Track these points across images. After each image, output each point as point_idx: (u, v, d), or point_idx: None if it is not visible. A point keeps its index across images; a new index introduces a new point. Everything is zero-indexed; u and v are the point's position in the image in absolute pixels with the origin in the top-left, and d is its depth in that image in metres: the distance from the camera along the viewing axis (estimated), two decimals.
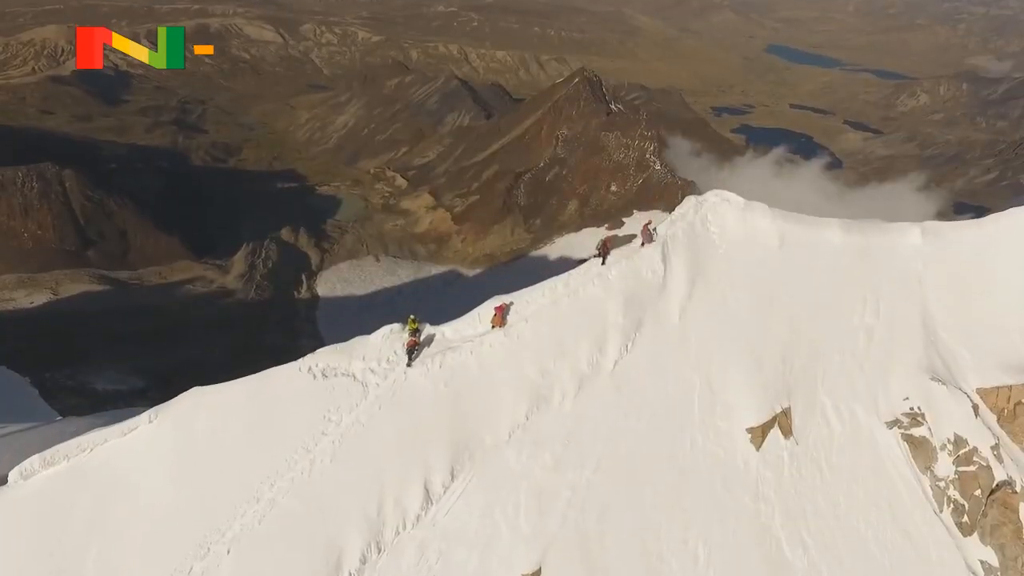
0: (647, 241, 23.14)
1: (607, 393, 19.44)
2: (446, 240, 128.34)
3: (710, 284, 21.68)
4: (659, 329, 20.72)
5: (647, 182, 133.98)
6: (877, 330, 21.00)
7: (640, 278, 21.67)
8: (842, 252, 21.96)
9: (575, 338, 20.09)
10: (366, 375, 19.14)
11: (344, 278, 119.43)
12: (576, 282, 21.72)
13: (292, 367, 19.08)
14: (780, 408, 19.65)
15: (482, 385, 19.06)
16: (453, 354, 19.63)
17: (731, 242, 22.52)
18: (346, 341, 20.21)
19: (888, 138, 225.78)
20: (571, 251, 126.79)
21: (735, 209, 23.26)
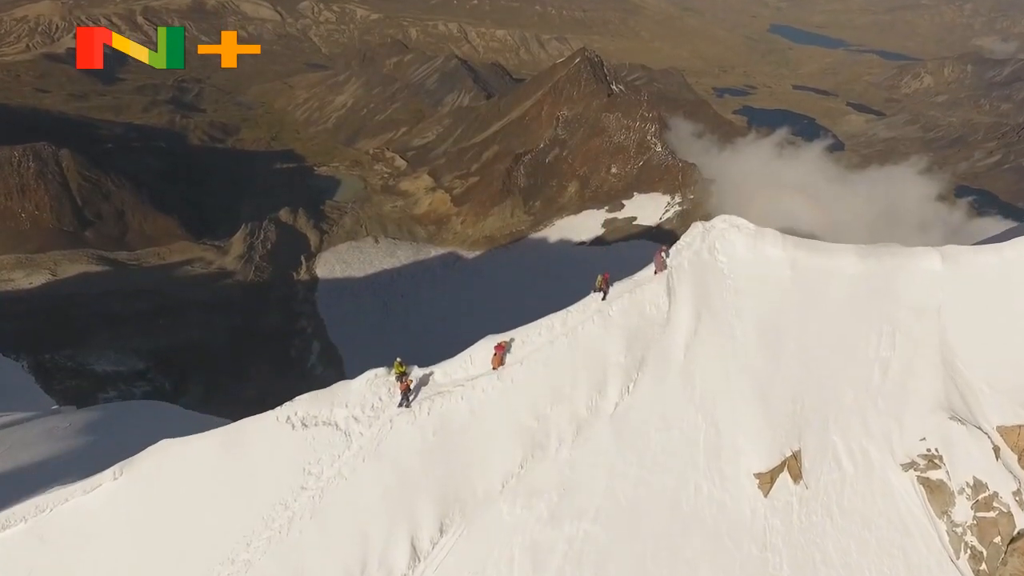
0: (660, 269, 21.51)
1: (606, 438, 18.07)
2: (445, 222, 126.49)
3: (717, 318, 20.14)
4: (662, 368, 19.25)
5: (648, 164, 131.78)
6: (893, 363, 19.57)
7: (643, 314, 20.12)
8: (857, 280, 20.37)
9: (573, 380, 18.65)
10: (349, 424, 17.67)
11: (343, 259, 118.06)
12: (575, 320, 20.15)
13: (268, 417, 17.63)
14: (790, 451, 18.32)
15: (473, 433, 17.69)
16: (442, 400, 18.15)
17: (740, 272, 20.90)
18: (328, 388, 18.67)
19: (891, 120, 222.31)
20: (571, 233, 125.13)
21: (745, 236, 21.60)
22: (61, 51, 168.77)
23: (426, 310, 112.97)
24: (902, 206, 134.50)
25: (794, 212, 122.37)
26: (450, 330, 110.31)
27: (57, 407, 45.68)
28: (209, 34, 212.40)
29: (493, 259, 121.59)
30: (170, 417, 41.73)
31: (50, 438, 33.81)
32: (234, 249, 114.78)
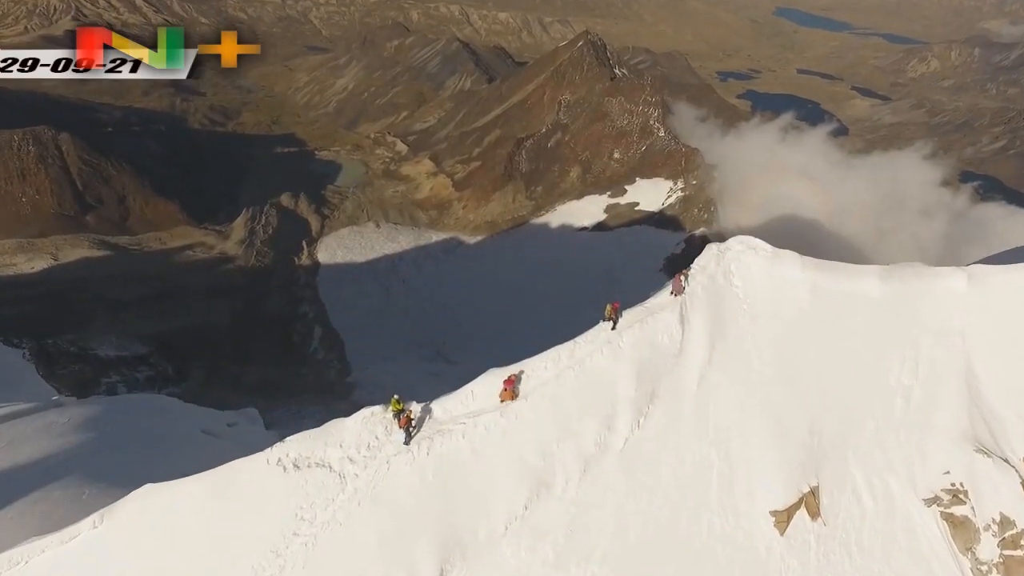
0: (678, 293, 20.23)
1: (615, 475, 17.00)
2: (447, 207, 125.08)
3: (732, 347, 18.91)
4: (674, 401, 18.07)
5: (650, 149, 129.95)
6: (915, 392, 18.39)
7: (655, 344, 18.89)
8: (879, 303, 19.08)
9: (581, 415, 17.50)
10: (343, 465, 16.60)
11: (345, 244, 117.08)
12: (583, 351, 18.92)
13: (258, 459, 16.54)
14: (808, 487, 17.25)
15: (475, 473, 16.64)
16: (442, 438, 17.03)
17: (756, 297, 19.58)
18: (321, 427, 17.53)
19: (896, 104, 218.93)
20: (572, 219, 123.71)
21: (762, 259, 20.23)
22: (59, 33, 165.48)
23: (427, 295, 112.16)
24: (905, 191, 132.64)
25: (797, 197, 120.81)
26: (451, 315, 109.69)
27: (58, 397, 44.91)
28: (208, 15, 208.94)
29: (494, 244, 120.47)
30: (168, 412, 40.99)
31: (48, 434, 33.06)
32: (235, 234, 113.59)
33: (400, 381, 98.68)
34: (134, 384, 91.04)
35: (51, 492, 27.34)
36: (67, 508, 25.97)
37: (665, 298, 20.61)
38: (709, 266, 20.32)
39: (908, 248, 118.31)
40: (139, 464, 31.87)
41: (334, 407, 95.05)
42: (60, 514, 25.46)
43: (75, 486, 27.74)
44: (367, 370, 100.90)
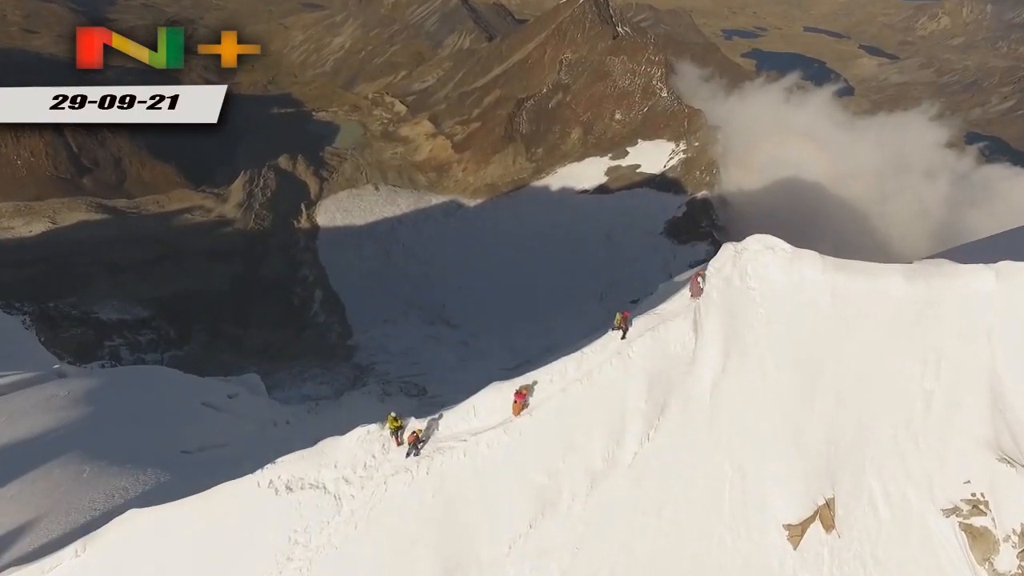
0: (696, 295, 18.95)
1: (623, 490, 16.11)
2: (446, 169, 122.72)
3: (748, 353, 17.76)
4: (686, 412, 17.03)
5: (653, 110, 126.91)
6: (936, 397, 17.35)
7: (666, 353, 17.72)
8: (902, 304, 17.85)
9: (588, 430, 16.48)
10: (339, 486, 15.70)
11: (343, 207, 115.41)
12: (590, 363, 17.74)
13: (249, 481, 15.58)
14: (823, 500, 16.42)
15: (477, 493, 15.75)
16: (443, 457, 16.05)
17: (774, 299, 18.29)
18: (314, 446, 16.47)
19: (904, 63, 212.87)
20: (573, 181, 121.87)
21: (780, 259, 18.85)
22: None
23: (427, 258, 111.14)
24: (910, 153, 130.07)
25: (800, 159, 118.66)
26: (451, 278, 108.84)
27: (59, 366, 44.19)
28: None
29: (495, 207, 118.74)
30: (169, 384, 40.26)
31: (48, 408, 32.37)
32: (233, 197, 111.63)
33: (401, 344, 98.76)
34: (137, 347, 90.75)
35: (51, 470, 26.71)
36: (67, 487, 25.36)
37: (678, 303, 19.34)
38: (725, 268, 19.01)
39: (911, 211, 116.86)
40: (139, 440, 31.21)
41: (335, 370, 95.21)
42: (60, 493, 24.85)
43: (75, 464, 27.10)
44: (368, 333, 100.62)
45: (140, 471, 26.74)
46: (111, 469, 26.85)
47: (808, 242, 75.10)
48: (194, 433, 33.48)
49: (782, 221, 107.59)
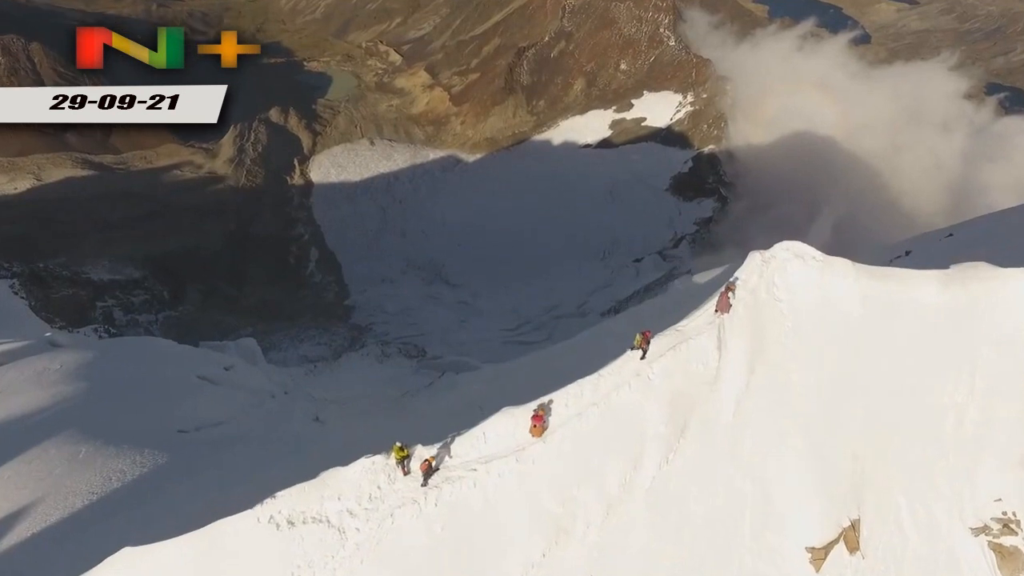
0: (723, 311, 18.37)
1: (640, 515, 16.25)
2: (444, 122, 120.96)
3: (773, 369, 17.50)
4: (707, 433, 16.99)
5: (659, 60, 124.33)
6: (969, 410, 17.06)
7: (688, 373, 17.33)
8: (936, 313, 17.38)
9: (605, 456, 16.48)
10: (343, 519, 15.62)
11: (338, 163, 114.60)
12: (608, 385, 17.21)
13: (248, 517, 15.51)
14: (848, 521, 16.41)
15: (489, 524, 15.76)
16: (451, 487, 15.97)
17: (801, 311, 17.83)
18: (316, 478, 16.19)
19: (924, 9, 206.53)
20: (576, 135, 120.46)
21: (810, 268, 18.25)
22: None
23: (426, 215, 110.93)
24: (926, 105, 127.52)
25: (812, 111, 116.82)
26: (450, 236, 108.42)
27: (50, 334, 44.26)
28: None
29: (494, 162, 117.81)
30: (163, 357, 40.54)
31: (40, 383, 32.56)
32: (224, 152, 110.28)
33: (399, 304, 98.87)
34: (130, 308, 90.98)
35: (47, 450, 26.99)
36: (63, 468, 25.59)
37: (701, 319, 18.79)
38: (751, 279, 18.51)
39: (925, 165, 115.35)
40: (135, 417, 31.56)
41: (333, 331, 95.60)
42: (57, 476, 25.09)
43: (71, 443, 27.34)
44: (365, 293, 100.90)
45: (137, 452, 27.05)
46: (107, 450, 27.09)
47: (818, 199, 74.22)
48: (190, 409, 33.82)
49: (792, 177, 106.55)
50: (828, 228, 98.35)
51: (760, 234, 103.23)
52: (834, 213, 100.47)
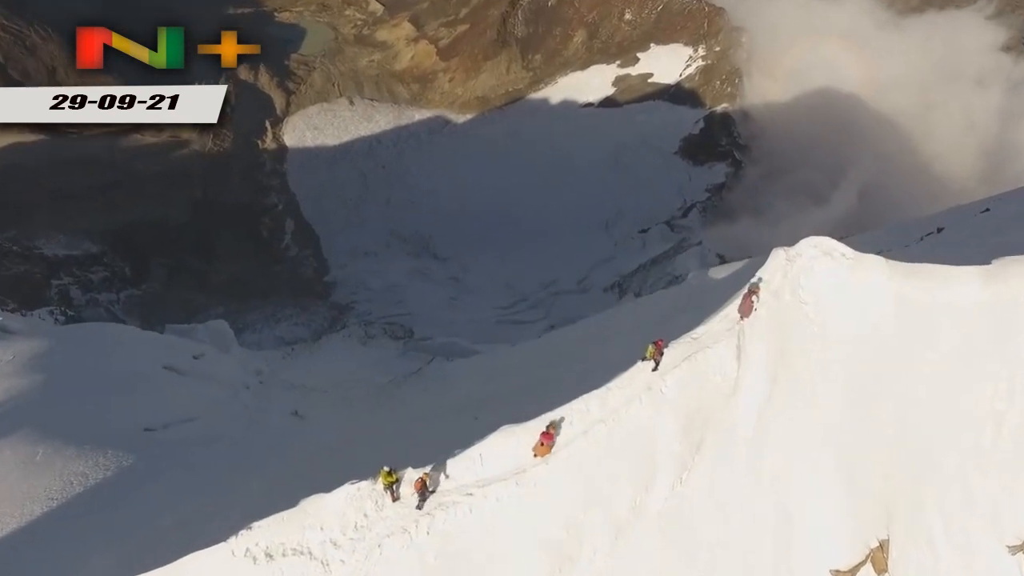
0: (746, 315, 18.05)
1: (652, 538, 16.14)
2: (431, 79, 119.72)
3: (798, 379, 17.27)
4: (725, 449, 16.83)
5: (668, 8, 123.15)
6: (1008, 419, 16.85)
7: (705, 385, 17.07)
8: (976, 314, 17.13)
9: (613, 477, 16.26)
10: (326, 550, 15.36)
11: (314, 125, 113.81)
12: (617, 400, 16.85)
13: (222, 550, 15.23)
14: (877, 542, 16.39)
15: (486, 553, 15.58)
16: (445, 514, 15.74)
17: (829, 314, 17.49)
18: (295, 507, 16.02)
19: None
20: (576, 93, 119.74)
21: (839, 267, 17.90)
22: None
23: (412, 183, 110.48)
24: (961, 57, 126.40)
25: (835, 66, 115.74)
26: (438, 205, 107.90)
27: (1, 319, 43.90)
28: None
29: (486, 123, 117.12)
30: (125, 344, 40.26)
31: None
32: None
33: (383, 280, 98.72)
34: (88, 287, 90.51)
35: (0, 451, 26.73)
36: (19, 474, 25.54)
37: (719, 325, 18.45)
38: (774, 280, 18.15)
39: (958, 124, 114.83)
40: (96, 414, 31.42)
41: (312, 310, 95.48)
42: (12, 480, 24.92)
43: (26, 445, 27.19)
44: (347, 268, 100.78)
45: (100, 453, 26.90)
46: (67, 451, 26.96)
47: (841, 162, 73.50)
48: (157, 404, 33.68)
49: (813, 138, 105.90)
50: (853, 195, 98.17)
51: (778, 201, 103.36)
52: (859, 179, 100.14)
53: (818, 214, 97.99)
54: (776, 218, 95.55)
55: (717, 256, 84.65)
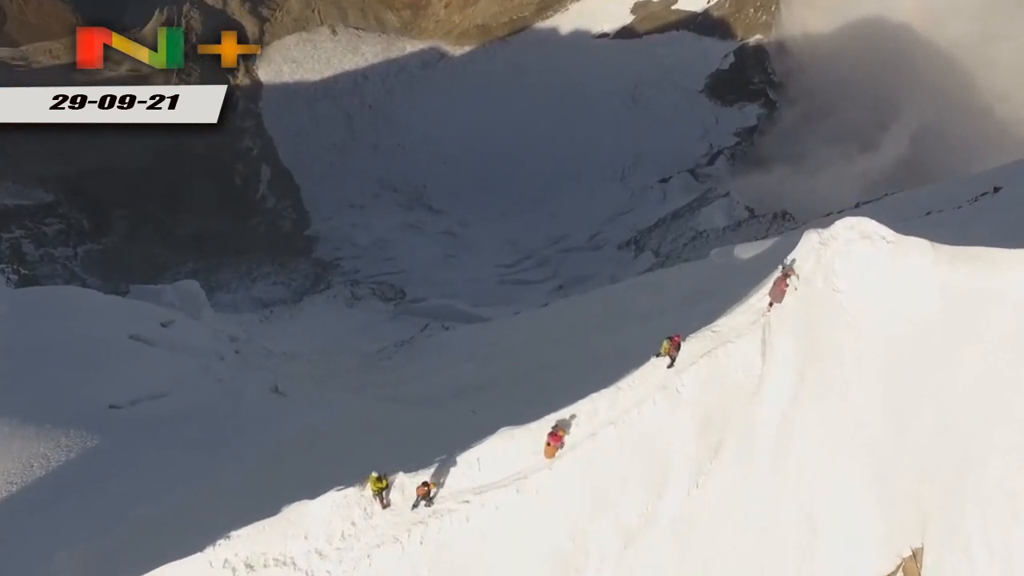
0: (778, 301, 17.97)
1: (665, 546, 16.41)
2: (424, 5, 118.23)
3: (827, 374, 17.01)
4: (746, 452, 16.87)
5: None
6: None
7: (725, 383, 17.09)
8: None
9: (624, 483, 16.44)
10: (311, 561, 15.82)
11: (292, 58, 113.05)
12: (628, 400, 16.89)
13: (199, 560, 15.58)
14: (910, 551, 16.60)
15: (483, 564, 15.97)
16: (440, 522, 16.07)
17: (866, 304, 17.25)
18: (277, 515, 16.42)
19: None
20: (589, 21, 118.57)
21: (879, 251, 17.64)
22: None
23: (403, 124, 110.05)
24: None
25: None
26: (433, 150, 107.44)
27: None
28: None
29: (487, 57, 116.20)
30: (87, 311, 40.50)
31: None
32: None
33: (371, 235, 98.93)
34: (43, 241, 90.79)
35: None
36: None
37: (743, 316, 18.34)
38: (806, 265, 17.96)
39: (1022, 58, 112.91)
40: (57, 390, 31.78)
41: (292, 267, 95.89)
42: None
43: None
44: (330, 221, 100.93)
45: (62, 433, 27.30)
46: (26, 430, 27.34)
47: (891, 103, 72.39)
48: (123, 378, 33.99)
49: (858, 75, 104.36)
50: (904, 141, 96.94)
51: (818, 147, 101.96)
52: (911, 121, 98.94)
53: (864, 162, 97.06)
54: (815, 167, 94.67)
55: (746, 209, 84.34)
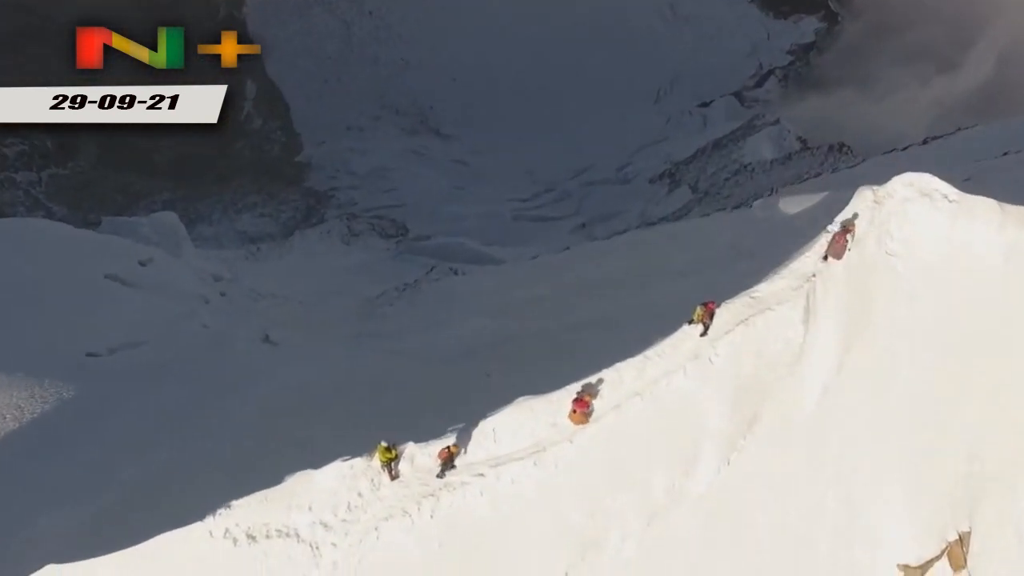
0: (838, 258, 18.13)
1: (690, 524, 17.00)
2: None
3: (876, 345, 17.36)
4: (782, 426, 17.39)
5: None
6: None
7: (762, 353, 17.45)
8: None
9: (649, 458, 16.92)
10: (315, 532, 16.37)
11: None
12: (656, 370, 17.16)
13: (199, 530, 16.09)
14: (956, 535, 17.27)
15: (497, 539, 16.50)
16: (452, 496, 16.46)
17: (921, 268, 17.63)
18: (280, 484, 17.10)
19: None
20: None
21: (939, 212, 17.81)
22: None
23: (407, 34, 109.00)
24: None
25: None
26: (441, 66, 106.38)
27: None
28: None
29: None
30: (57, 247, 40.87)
31: None
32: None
33: (370, 162, 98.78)
34: (3, 164, 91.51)
35: None
36: None
37: (790, 279, 18.51)
38: (859, 225, 18.31)
39: None
40: (28, 336, 32.35)
41: (281, 198, 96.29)
42: None
43: None
44: (324, 146, 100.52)
45: (35, 383, 28.06)
46: None
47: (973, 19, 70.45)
48: (100, 323, 34.49)
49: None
50: (990, 63, 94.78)
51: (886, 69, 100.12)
52: (1000, 39, 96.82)
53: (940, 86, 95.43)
54: (883, 91, 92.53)
55: (798, 140, 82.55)
